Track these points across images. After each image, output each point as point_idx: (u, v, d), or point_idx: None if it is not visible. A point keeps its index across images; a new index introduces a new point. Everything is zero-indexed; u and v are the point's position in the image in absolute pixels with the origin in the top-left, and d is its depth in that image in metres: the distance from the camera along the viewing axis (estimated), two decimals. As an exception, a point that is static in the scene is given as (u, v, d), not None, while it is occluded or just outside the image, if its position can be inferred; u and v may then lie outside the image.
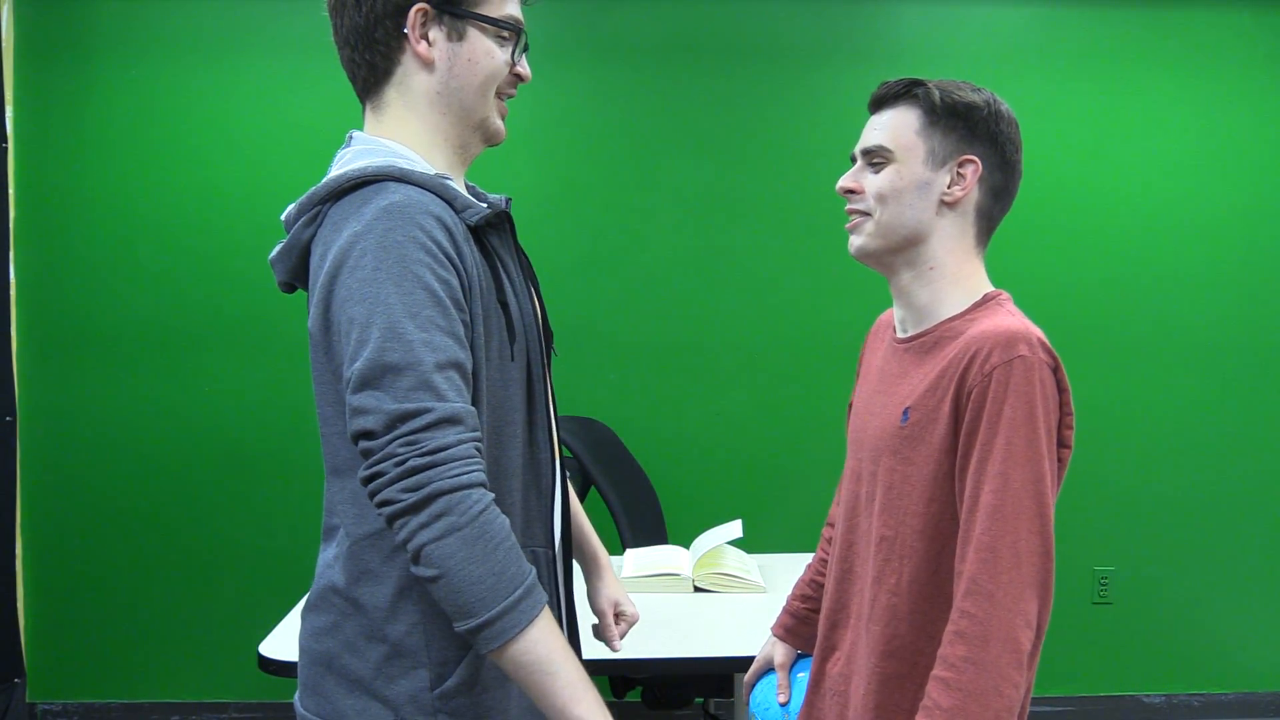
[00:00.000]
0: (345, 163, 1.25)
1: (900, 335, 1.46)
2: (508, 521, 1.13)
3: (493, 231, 1.27)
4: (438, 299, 1.14)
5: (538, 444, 1.30)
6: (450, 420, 1.11)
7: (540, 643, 1.11)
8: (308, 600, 1.29)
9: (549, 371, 1.44)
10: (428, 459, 1.09)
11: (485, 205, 1.25)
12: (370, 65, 1.28)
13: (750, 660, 2.17)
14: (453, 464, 1.09)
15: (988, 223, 1.43)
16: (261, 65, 3.54)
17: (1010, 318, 1.31)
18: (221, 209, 3.59)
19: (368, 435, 1.11)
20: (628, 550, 2.87)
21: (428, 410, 1.10)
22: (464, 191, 1.26)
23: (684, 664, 2.13)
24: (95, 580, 3.66)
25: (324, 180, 1.22)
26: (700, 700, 3.52)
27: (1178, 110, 3.73)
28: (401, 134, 1.29)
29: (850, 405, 1.58)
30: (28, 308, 3.62)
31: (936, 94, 1.38)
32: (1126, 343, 3.75)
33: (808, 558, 2.83)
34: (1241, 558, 3.82)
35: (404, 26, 1.25)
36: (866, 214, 1.42)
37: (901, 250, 1.41)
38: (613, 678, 3.03)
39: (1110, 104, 3.73)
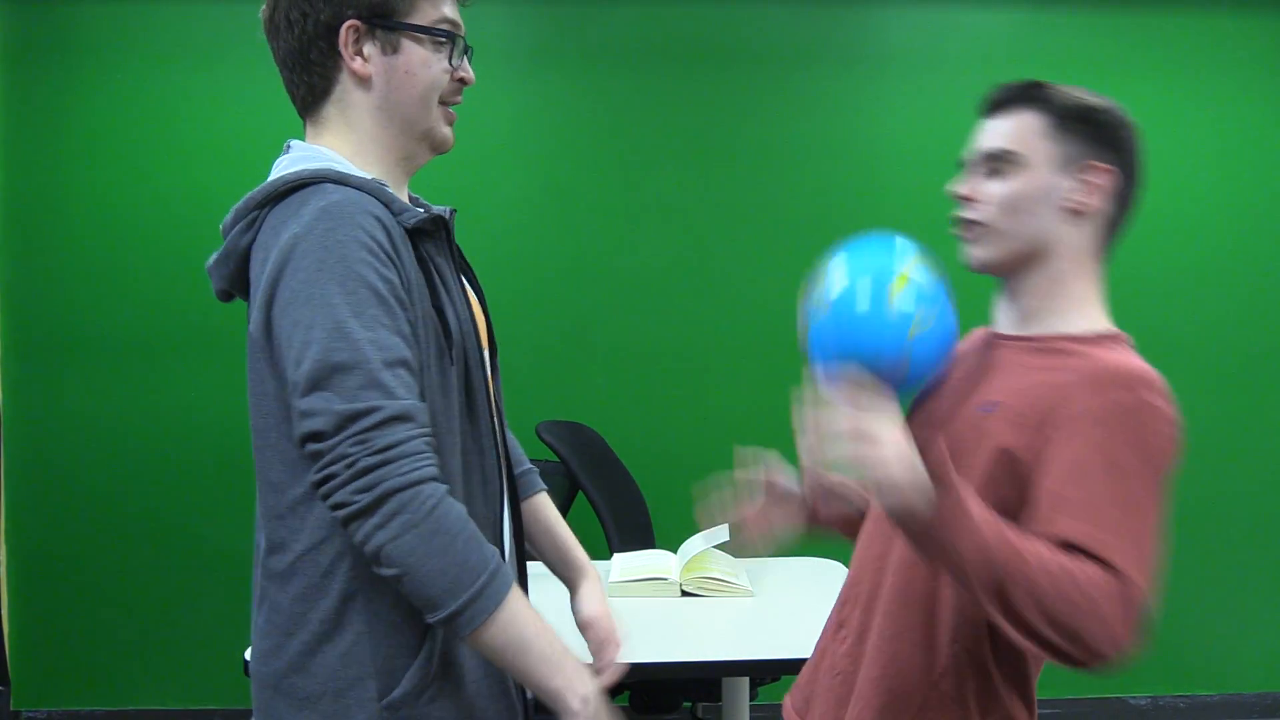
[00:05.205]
0: (283, 169, 1.25)
1: (1002, 330, 1.41)
2: (464, 510, 1.14)
3: (428, 239, 1.26)
4: (382, 297, 1.14)
5: (482, 450, 1.29)
6: (400, 417, 1.11)
7: (510, 624, 1.12)
8: (253, 623, 1.28)
9: (496, 380, 1.44)
10: (378, 457, 1.09)
11: (423, 210, 1.25)
12: (309, 86, 1.28)
13: (737, 665, 2.17)
14: (403, 460, 1.10)
15: (1111, 232, 1.38)
16: (247, 70, 3.53)
17: (1144, 362, 1.28)
18: (207, 213, 3.56)
19: (317, 437, 1.11)
20: (615, 555, 2.87)
21: (377, 409, 1.10)
22: (402, 198, 1.26)
23: (671, 668, 2.13)
24: (80, 587, 3.64)
25: (260, 185, 1.22)
26: (688, 704, 3.52)
27: (1166, 115, 3.75)
28: (341, 146, 1.28)
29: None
30: (12, 311, 3.61)
31: (1063, 97, 1.34)
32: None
33: (796, 561, 2.84)
34: (1227, 560, 3.84)
35: (337, 46, 1.24)
36: (983, 223, 1.37)
37: (1024, 261, 1.36)
38: (600, 682, 3.02)
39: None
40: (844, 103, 3.73)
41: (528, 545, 1.57)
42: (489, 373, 1.36)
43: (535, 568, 1.51)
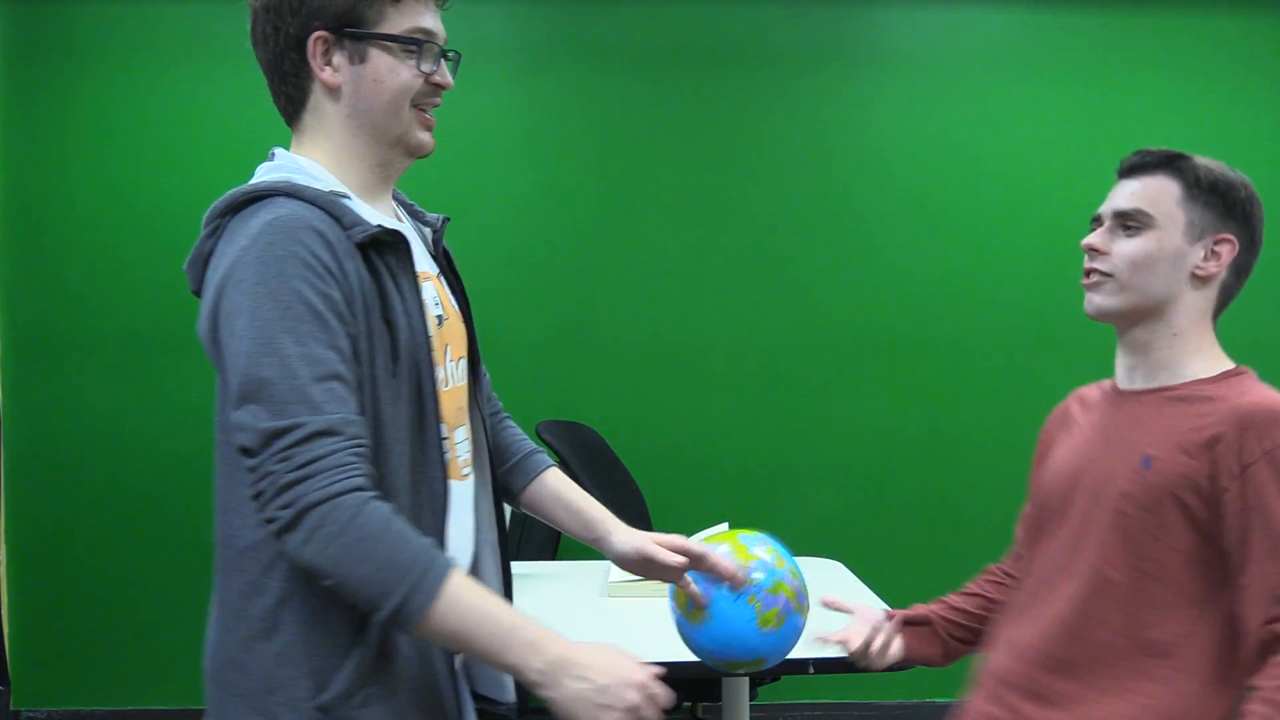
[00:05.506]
0: (259, 176, 1.30)
1: (1129, 386, 1.50)
2: (388, 509, 1.15)
3: (388, 250, 1.27)
4: (317, 313, 1.16)
5: (429, 462, 1.29)
6: (324, 432, 1.13)
7: (450, 613, 1.13)
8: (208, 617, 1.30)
9: (479, 385, 1.46)
10: (298, 474, 1.12)
11: (375, 225, 1.25)
12: (286, 96, 1.32)
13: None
14: (322, 475, 1.12)
15: (1226, 298, 1.48)
16: (248, 70, 3.51)
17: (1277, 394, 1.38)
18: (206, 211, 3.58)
19: (247, 453, 1.15)
20: (615, 554, 2.87)
21: (300, 425, 1.12)
22: (356, 210, 1.26)
23: (671, 668, 2.11)
24: (80, 586, 3.64)
25: (224, 194, 1.25)
26: (688, 704, 3.52)
27: (1164, 114, 3.75)
28: (317, 154, 1.31)
29: (1034, 487, 1.59)
30: (12, 310, 3.61)
31: (1200, 169, 1.44)
32: (1113, 344, 3.75)
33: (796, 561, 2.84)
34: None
35: (307, 57, 1.27)
36: (1109, 275, 1.45)
37: (1142, 315, 1.45)
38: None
39: (1096, 108, 3.75)
40: (844, 103, 3.73)
41: (547, 521, 1.60)
42: (442, 384, 1.35)
43: (520, 568, 1.51)
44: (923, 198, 3.78)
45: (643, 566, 1.53)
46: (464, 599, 1.15)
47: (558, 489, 1.61)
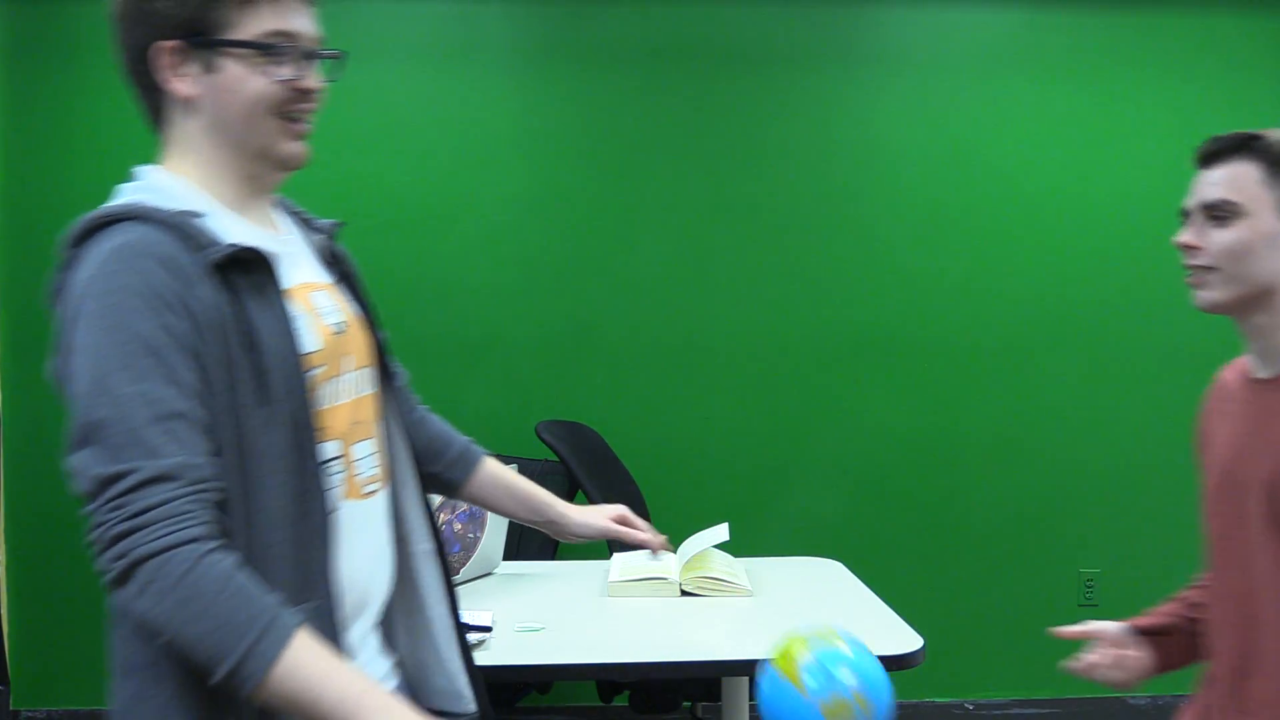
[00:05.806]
0: (120, 196, 1.23)
1: (1261, 375, 1.47)
2: (229, 563, 1.08)
3: (254, 268, 1.18)
4: (154, 348, 1.08)
5: (312, 491, 1.20)
6: (159, 478, 1.06)
7: (290, 678, 1.06)
8: None
9: (391, 389, 1.41)
10: (129, 524, 1.05)
11: (229, 244, 1.16)
12: (146, 106, 1.26)
13: (737, 665, 2.17)
14: (156, 525, 1.05)
15: None
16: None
17: None
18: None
19: (83, 499, 1.08)
20: (614, 554, 2.87)
21: (134, 471, 1.05)
22: (212, 228, 1.18)
23: (671, 668, 2.13)
24: (80, 586, 3.64)
25: (73, 222, 1.18)
26: (688, 704, 3.52)
27: (1162, 114, 3.75)
28: (185, 168, 1.25)
29: (1203, 489, 1.57)
30: (12, 310, 3.61)
31: (1276, 145, 1.41)
32: (1113, 344, 3.76)
33: (795, 561, 2.83)
34: (1226, 559, 3.83)
35: (156, 69, 1.21)
36: (1210, 269, 1.43)
37: (1253, 302, 1.42)
38: (600, 682, 3.03)
39: (1096, 108, 3.75)
40: (844, 103, 3.73)
41: (492, 509, 1.62)
42: (334, 398, 1.28)
43: (520, 568, 1.51)
44: (923, 198, 3.78)
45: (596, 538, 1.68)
46: (306, 663, 1.07)
47: (501, 477, 1.61)
